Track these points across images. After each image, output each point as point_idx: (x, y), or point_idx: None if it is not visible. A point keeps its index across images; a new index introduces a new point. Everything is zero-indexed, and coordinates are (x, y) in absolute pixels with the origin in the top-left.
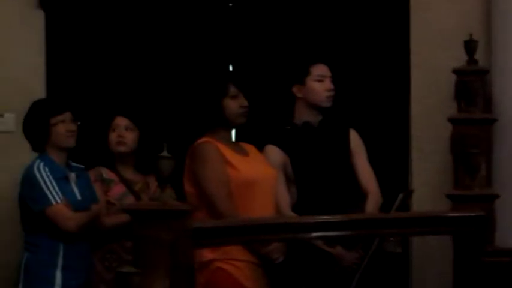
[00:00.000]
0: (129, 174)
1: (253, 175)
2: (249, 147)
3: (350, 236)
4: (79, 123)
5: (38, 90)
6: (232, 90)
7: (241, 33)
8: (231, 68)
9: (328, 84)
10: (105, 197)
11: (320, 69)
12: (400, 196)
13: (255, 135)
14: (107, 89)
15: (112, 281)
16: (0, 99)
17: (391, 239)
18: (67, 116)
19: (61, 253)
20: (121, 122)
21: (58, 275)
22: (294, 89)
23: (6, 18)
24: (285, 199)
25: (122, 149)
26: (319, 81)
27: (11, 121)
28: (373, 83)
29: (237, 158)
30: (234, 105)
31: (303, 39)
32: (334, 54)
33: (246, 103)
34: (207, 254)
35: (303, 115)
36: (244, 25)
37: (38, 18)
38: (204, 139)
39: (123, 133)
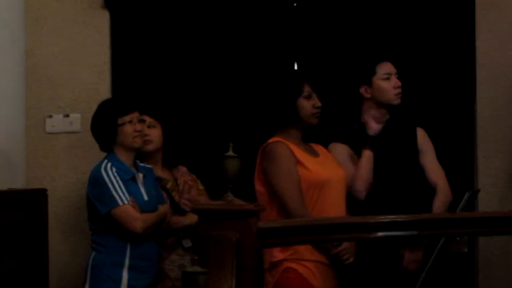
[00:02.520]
0: (158, 171)
1: (324, 175)
2: (319, 148)
3: (417, 235)
4: (154, 121)
5: (103, 90)
6: (307, 90)
7: (305, 33)
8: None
9: (395, 81)
10: None
11: (386, 67)
12: (466, 196)
13: (322, 134)
14: (172, 88)
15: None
16: (67, 100)
17: (458, 238)
18: (134, 116)
19: (128, 253)
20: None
21: (124, 275)
22: (362, 90)
23: (72, 19)
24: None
25: (149, 147)
26: (386, 79)
27: (77, 121)
28: (439, 82)
29: (308, 158)
30: (308, 105)
31: (368, 38)
32: (400, 54)
33: (319, 103)
34: (278, 254)
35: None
36: (309, 25)
37: (103, 19)
38: (275, 139)
39: (148, 131)
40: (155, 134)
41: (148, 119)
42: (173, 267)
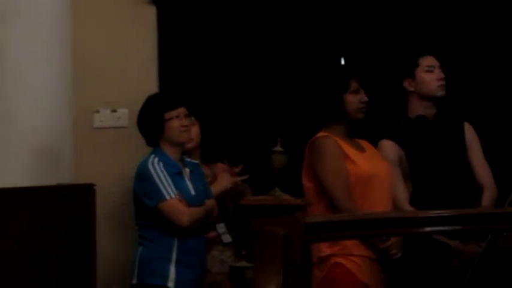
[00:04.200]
0: None
1: (371, 170)
2: (365, 143)
3: (465, 230)
4: (193, 118)
5: (150, 85)
6: (354, 85)
7: (350, 27)
8: (342, 63)
9: (438, 73)
10: None
11: (428, 60)
12: None
13: (368, 130)
14: (219, 83)
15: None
16: (114, 95)
17: (505, 234)
18: (181, 111)
19: (175, 248)
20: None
21: (172, 269)
22: (405, 83)
23: (119, 15)
24: (404, 194)
25: (190, 145)
26: (429, 71)
27: (124, 116)
28: (488, 76)
29: (355, 153)
30: (355, 100)
31: (412, 31)
32: (448, 48)
33: (366, 98)
34: (326, 249)
35: (417, 109)
36: (354, 20)
37: (150, 14)
38: (322, 133)
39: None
40: (194, 132)
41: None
42: (214, 262)
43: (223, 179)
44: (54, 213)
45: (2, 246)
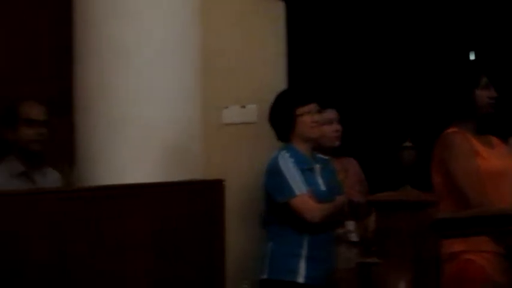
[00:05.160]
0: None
1: (500, 166)
2: (494, 139)
3: None
4: (323, 114)
5: (279, 81)
6: (484, 80)
7: (479, 22)
8: (472, 57)
9: None
10: None
11: None
12: None
13: (498, 127)
14: (347, 79)
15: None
16: (243, 91)
17: None
18: (312, 107)
19: (305, 244)
20: (333, 115)
21: (302, 265)
22: None
23: (248, 11)
24: None
25: (337, 143)
26: None
27: (253, 112)
28: None
29: (484, 148)
30: (485, 95)
31: None
32: None
33: (495, 94)
34: (456, 245)
35: None
36: (481, 15)
37: (278, 10)
38: (452, 129)
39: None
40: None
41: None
42: (341, 259)
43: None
44: (184, 208)
45: (133, 240)
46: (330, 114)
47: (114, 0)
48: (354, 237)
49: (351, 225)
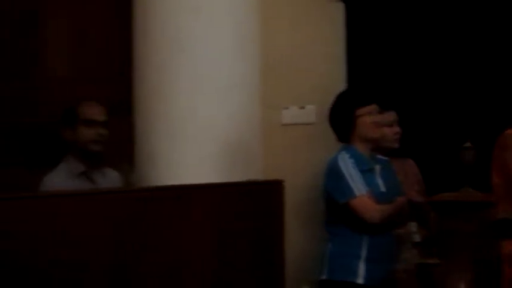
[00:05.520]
0: None
1: None
2: None
3: None
4: (383, 116)
5: (338, 82)
6: None
7: None
8: None
9: None
10: None
11: None
12: None
13: None
14: (407, 80)
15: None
16: (302, 92)
17: None
18: (373, 108)
19: (365, 245)
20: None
21: (361, 266)
22: None
23: (308, 12)
24: None
25: (396, 146)
26: None
27: (312, 113)
28: None
29: None
30: None
31: None
32: None
33: None
34: None
35: None
36: None
37: (338, 11)
38: None
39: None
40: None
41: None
42: (401, 260)
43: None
44: (244, 209)
45: (193, 241)
46: (390, 116)
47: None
48: (416, 238)
49: (413, 226)
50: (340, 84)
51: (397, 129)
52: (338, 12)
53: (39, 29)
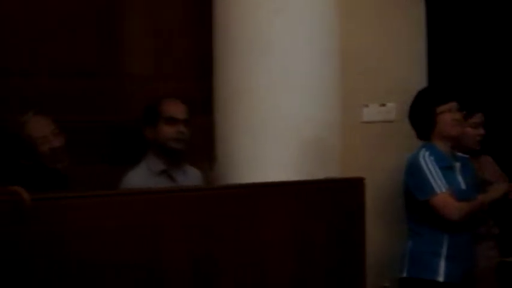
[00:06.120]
0: None
1: None
2: None
3: None
4: (464, 113)
5: (419, 79)
6: None
7: None
8: None
9: None
10: None
11: None
12: None
13: None
14: (487, 77)
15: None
16: (383, 90)
17: None
18: (453, 105)
19: (445, 242)
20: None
21: (442, 264)
22: None
23: (387, 9)
24: None
25: (477, 147)
26: None
27: (393, 110)
28: None
29: None
30: None
31: None
32: None
33: None
34: None
35: None
36: None
37: (418, 9)
38: None
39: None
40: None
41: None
42: (482, 257)
43: (497, 191)
44: (324, 206)
45: (274, 239)
46: (477, 118)
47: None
48: (495, 230)
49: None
50: (421, 82)
51: (481, 131)
52: (419, 9)
53: (122, 28)
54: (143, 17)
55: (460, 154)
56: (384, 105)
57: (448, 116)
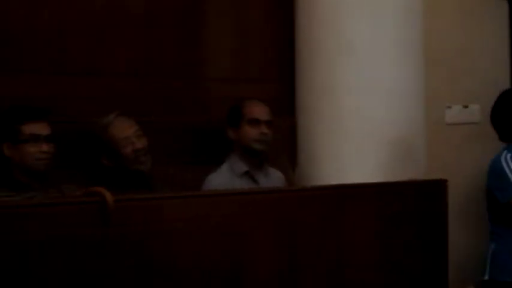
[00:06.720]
0: None
1: None
2: None
3: None
4: None
5: (502, 81)
6: None
7: None
8: None
9: None
10: None
11: None
12: None
13: None
14: None
15: None
16: (466, 91)
17: None
18: None
19: None
20: None
21: None
22: None
23: (471, 10)
24: None
25: None
26: None
27: (477, 112)
28: None
29: None
30: None
31: None
32: None
33: None
34: None
35: None
36: None
37: (502, 9)
38: None
39: None
40: None
41: None
42: None
43: None
44: (407, 208)
45: (356, 240)
46: None
47: (340, 0)
48: None
49: None
50: (505, 83)
51: None
52: (502, 11)
53: (204, 29)
54: (225, 18)
55: None
56: (466, 106)
57: None
